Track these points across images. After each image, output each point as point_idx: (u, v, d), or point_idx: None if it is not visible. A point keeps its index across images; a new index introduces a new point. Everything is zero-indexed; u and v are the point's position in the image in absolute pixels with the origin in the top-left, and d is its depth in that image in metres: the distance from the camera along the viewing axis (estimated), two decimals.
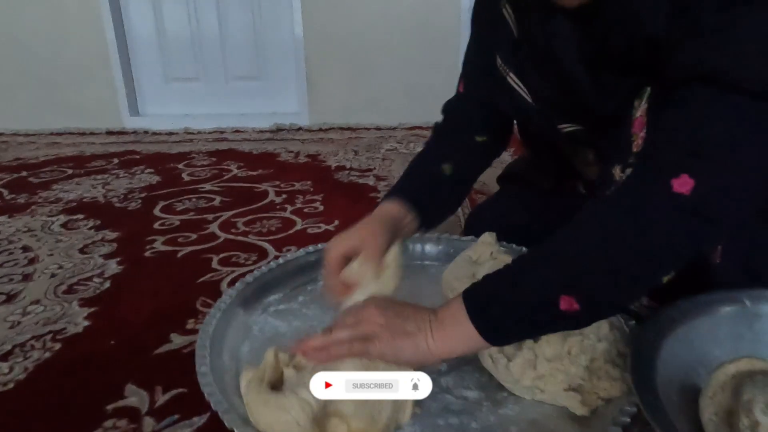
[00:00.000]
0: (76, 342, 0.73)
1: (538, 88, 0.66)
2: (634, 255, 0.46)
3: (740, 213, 0.46)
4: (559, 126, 0.68)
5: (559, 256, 0.49)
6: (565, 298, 0.46)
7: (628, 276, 0.47)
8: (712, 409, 0.49)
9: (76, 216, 1.26)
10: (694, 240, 0.46)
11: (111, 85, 2.49)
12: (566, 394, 0.53)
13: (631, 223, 0.46)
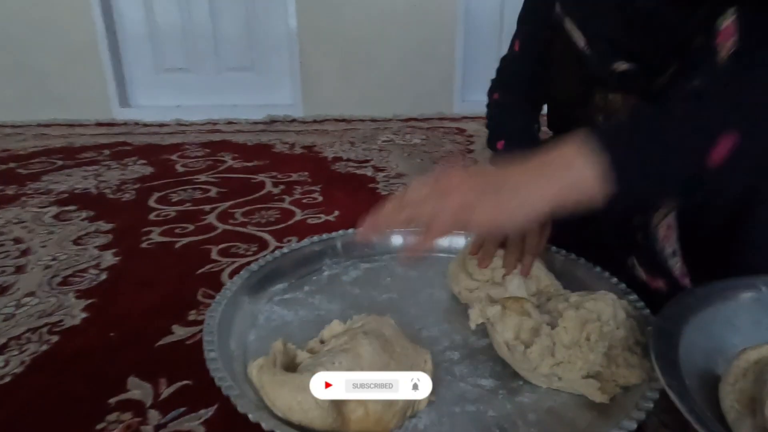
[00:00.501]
0: (74, 334, 0.71)
1: (598, 28, 0.67)
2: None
3: None
4: (614, 66, 0.66)
5: (716, 95, 0.43)
6: (726, 135, 0.41)
7: None
8: (733, 396, 0.48)
9: (69, 207, 1.23)
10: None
11: (100, 75, 2.44)
12: (585, 381, 0.52)
13: None
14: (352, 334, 0.51)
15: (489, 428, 0.50)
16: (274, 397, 0.46)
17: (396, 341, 0.52)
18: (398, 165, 1.56)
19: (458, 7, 2.32)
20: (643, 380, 0.52)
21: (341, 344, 0.50)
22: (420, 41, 2.38)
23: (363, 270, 0.81)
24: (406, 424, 0.50)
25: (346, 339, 0.51)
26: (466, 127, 2.15)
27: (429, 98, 2.44)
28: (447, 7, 2.33)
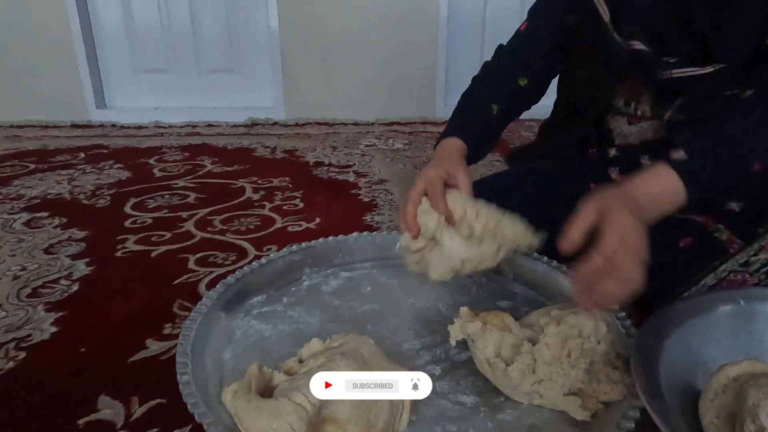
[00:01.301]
0: (42, 350, 0.68)
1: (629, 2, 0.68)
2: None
3: None
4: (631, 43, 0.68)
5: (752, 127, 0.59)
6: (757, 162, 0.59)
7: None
8: (713, 413, 0.48)
9: (40, 214, 1.19)
10: None
11: (76, 76, 2.38)
12: (566, 398, 0.51)
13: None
14: (330, 355, 0.50)
15: None
16: (248, 423, 0.45)
17: (374, 362, 0.51)
18: (381, 170, 1.55)
19: (441, 11, 2.32)
20: (625, 396, 0.52)
21: (318, 366, 0.49)
22: (403, 45, 2.38)
23: (344, 279, 0.80)
24: None
25: (323, 360, 0.50)
26: None
27: (411, 102, 2.43)
28: (430, 11, 2.33)
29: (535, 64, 0.82)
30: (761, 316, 0.57)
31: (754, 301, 0.58)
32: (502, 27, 2.17)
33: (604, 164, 0.82)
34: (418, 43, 2.37)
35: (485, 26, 2.43)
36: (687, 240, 0.71)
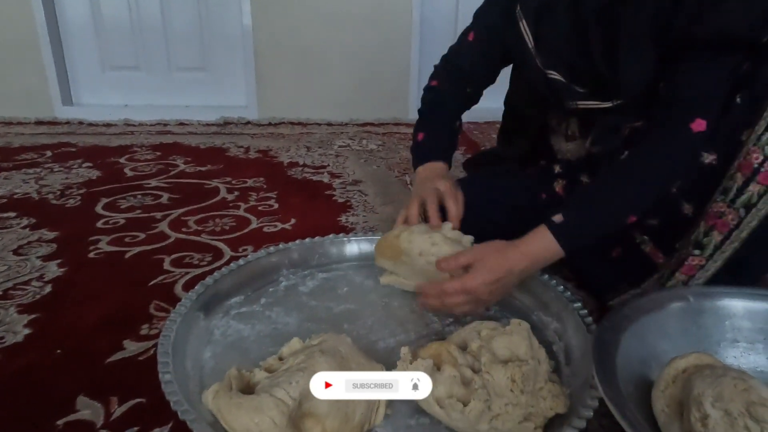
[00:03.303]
0: (16, 352, 0.68)
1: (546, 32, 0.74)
2: (670, 177, 0.65)
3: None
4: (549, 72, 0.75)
5: (624, 189, 0.65)
6: (631, 216, 0.65)
7: (664, 193, 0.67)
8: (663, 402, 0.53)
9: (7, 214, 1.17)
10: (697, 157, 0.66)
11: (41, 71, 2.32)
12: (521, 426, 0.51)
13: (666, 155, 0.63)
14: (310, 353, 0.52)
15: None
16: (231, 419, 0.46)
17: (352, 358, 0.54)
18: (355, 171, 1.57)
19: (414, 15, 2.36)
20: (568, 408, 0.53)
21: (298, 363, 0.51)
22: (376, 47, 2.40)
23: (320, 280, 0.82)
24: None
25: (303, 358, 0.52)
26: None
27: (384, 103, 2.46)
28: (403, 14, 2.36)
29: (479, 73, 0.89)
30: (709, 312, 0.62)
31: (703, 298, 0.62)
32: None
33: (551, 178, 0.86)
34: (391, 45, 2.40)
35: (457, 30, 2.46)
36: (618, 250, 0.77)
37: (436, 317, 0.73)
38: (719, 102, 0.62)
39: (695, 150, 0.65)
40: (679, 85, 0.63)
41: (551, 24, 0.73)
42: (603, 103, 0.72)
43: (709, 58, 0.61)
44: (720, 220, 0.65)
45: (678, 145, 0.62)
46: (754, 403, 0.46)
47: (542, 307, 0.74)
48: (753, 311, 0.62)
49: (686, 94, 0.62)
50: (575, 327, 0.66)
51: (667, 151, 0.63)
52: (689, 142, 0.62)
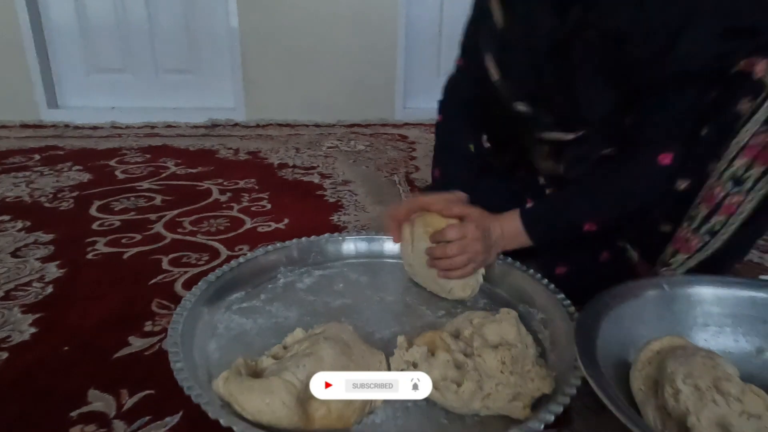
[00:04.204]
0: (25, 350, 0.70)
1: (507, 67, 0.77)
2: (634, 203, 0.71)
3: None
4: (515, 104, 0.79)
5: (586, 199, 0.72)
6: (588, 224, 0.71)
7: (626, 213, 0.72)
8: (640, 381, 0.57)
9: (2, 217, 1.18)
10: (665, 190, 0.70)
11: (26, 74, 2.30)
12: (510, 404, 0.55)
13: (632, 181, 0.69)
14: (314, 340, 0.56)
15: (437, 418, 0.56)
16: (243, 401, 0.49)
17: (354, 345, 0.57)
18: (344, 172, 1.61)
19: (400, 18, 2.40)
20: (553, 388, 0.57)
21: (304, 349, 0.54)
22: (363, 48, 2.44)
23: (317, 277, 0.86)
24: (364, 419, 0.54)
25: (308, 344, 0.55)
26: (407, 133, 2.23)
27: (371, 104, 2.49)
28: (389, 17, 2.40)
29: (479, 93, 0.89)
30: (682, 299, 0.67)
31: (676, 286, 0.67)
32: (457, 35, 2.26)
33: (537, 188, 0.90)
34: (377, 47, 2.44)
35: (441, 33, 2.52)
36: (605, 254, 0.82)
37: (429, 310, 0.77)
38: (686, 134, 0.66)
39: (662, 181, 0.69)
40: (646, 119, 0.67)
41: (512, 58, 0.77)
42: (567, 135, 0.77)
43: (672, 93, 0.65)
44: (686, 244, 0.71)
45: (644, 176, 0.68)
46: (720, 379, 0.50)
47: (529, 299, 0.78)
48: (721, 298, 0.67)
49: (653, 128, 0.67)
50: (560, 317, 0.70)
51: (632, 181, 0.69)
52: (655, 174, 0.67)
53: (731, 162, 0.65)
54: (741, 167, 0.65)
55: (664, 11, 0.63)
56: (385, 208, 1.27)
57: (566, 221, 0.73)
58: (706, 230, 0.69)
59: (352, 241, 0.91)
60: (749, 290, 0.67)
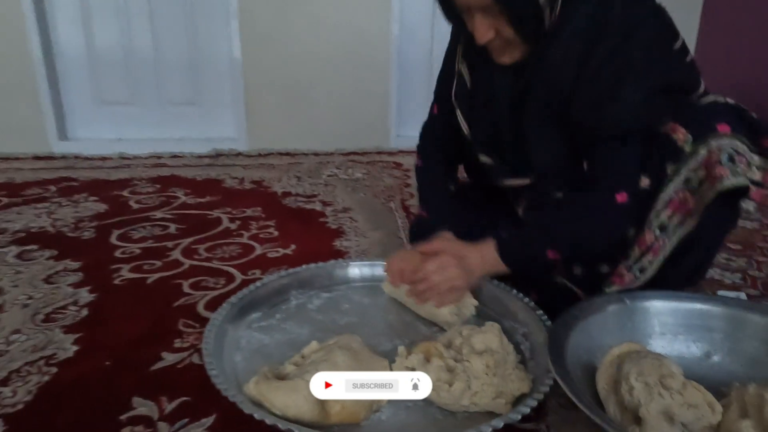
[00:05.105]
0: (71, 365, 0.80)
1: (474, 123, 0.88)
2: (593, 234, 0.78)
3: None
4: (481, 157, 0.89)
5: (551, 230, 0.79)
6: (551, 252, 0.78)
7: (586, 244, 0.80)
8: (604, 381, 0.68)
9: (30, 246, 1.28)
10: (623, 226, 0.80)
11: (37, 107, 2.42)
12: (494, 402, 0.66)
13: (592, 217, 0.77)
14: (329, 349, 0.66)
15: (433, 415, 0.66)
16: (272, 398, 0.60)
17: (363, 353, 0.68)
18: (344, 199, 1.72)
19: (392, 51, 2.55)
20: (531, 388, 0.68)
21: (321, 356, 0.65)
22: (359, 80, 2.58)
23: (324, 299, 0.96)
24: (372, 416, 0.65)
25: (324, 353, 0.66)
26: (402, 161, 2.36)
27: (367, 133, 2.63)
28: (382, 51, 2.55)
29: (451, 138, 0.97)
30: (640, 311, 0.78)
31: (636, 300, 0.79)
32: None
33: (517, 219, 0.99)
34: (372, 79, 2.58)
35: (432, 66, 2.68)
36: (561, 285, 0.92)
37: (424, 326, 0.88)
38: (636, 178, 0.76)
39: (619, 217, 0.77)
40: (600, 164, 0.76)
41: (477, 117, 0.88)
42: (523, 180, 0.87)
43: (617, 144, 0.75)
44: (621, 279, 0.83)
45: (603, 212, 0.76)
46: (665, 376, 0.61)
47: (512, 315, 0.88)
48: (675, 310, 0.78)
49: (608, 171, 0.76)
50: (538, 329, 0.81)
51: (593, 216, 0.77)
52: (613, 210, 0.75)
53: (659, 213, 0.78)
54: (666, 217, 0.78)
55: (599, 75, 0.73)
56: (384, 233, 1.38)
57: (534, 249, 0.79)
58: (637, 268, 0.81)
59: (356, 267, 1.02)
60: (698, 303, 0.79)
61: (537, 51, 0.77)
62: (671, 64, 0.76)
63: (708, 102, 0.78)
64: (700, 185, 0.75)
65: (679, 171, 0.75)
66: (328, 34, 2.50)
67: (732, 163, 0.71)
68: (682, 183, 0.76)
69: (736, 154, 0.72)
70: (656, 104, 0.75)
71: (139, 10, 2.46)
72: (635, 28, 0.72)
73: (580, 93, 0.75)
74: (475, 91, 0.87)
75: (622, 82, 0.73)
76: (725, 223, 0.83)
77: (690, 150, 0.74)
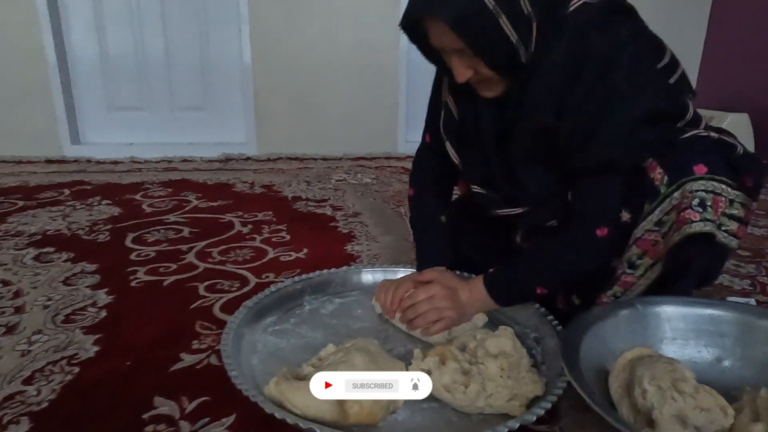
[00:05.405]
0: (92, 365, 0.82)
1: (464, 154, 0.89)
2: (577, 268, 0.80)
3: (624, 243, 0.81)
4: (472, 186, 0.91)
5: (536, 268, 0.82)
6: (539, 289, 0.81)
7: (571, 278, 0.82)
8: (616, 384, 0.69)
9: (46, 249, 1.30)
10: (605, 258, 0.81)
11: (51, 112, 2.46)
12: (508, 404, 0.67)
13: (575, 252, 0.79)
14: (346, 351, 0.68)
15: (448, 416, 0.67)
16: (293, 398, 0.61)
17: (379, 355, 0.69)
18: (354, 204, 1.74)
19: (401, 57, 2.57)
20: (544, 391, 0.69)
21: (339, 358, 0.66)
22: (368, 86, 2.61)
23: (337, 304, 0.97)
24: (389, 417, 0.66)
25: (342, 355, 0.67)
26: (410, 166, 2.37)
27: (376, 138, 2.65)
28: (392, 57, 2.57)
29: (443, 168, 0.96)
30: (652, 316, 0.79)
31: (647, 305, 0.79)
32: None
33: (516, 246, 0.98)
34: (382, 85, 2.61)
35: None
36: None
37: None
38: (618, 211, 0.77)
39: (600, 251, 0.78)
40: (583, 198, 0.77)
41: (467, 149, 0.88)
42: (515, 210, 0.88)
43: (600, 178, 0.75)
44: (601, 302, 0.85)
45: (584, 247, 0.78)
46: (678, 380, 0.62)
47: (523, 321, 0.89)
48: (686, 315, 0.79)
49: (590, 206, 0.77)
50: (549, 334, 0.82)
51: (575, 251, 0.79)
52: (594, 244, 0.76)
53: (629, 248, 0.79)
54: (634, 255, 0.80)
55: (580, 109, 0.72)
56: (395, 238, 1.40)
57: (521, 288, 0.82)
58: (611, 294, 0.84)
59: (368, 273, 1.04)
60: (708, 308, 0.80)
61: (518, 86, 0.76)
62: (655, 90, 0.74)
63: (689, 137, 0.77)
64: (670, 229, 0.76)
65: (653, 212, 0.76)
66: (337, 40, 2.53)
67: (702, 209, 0.72)
68: (654, 224, 0.77)
69: (712, 196, 0.72)
70: (641, 136, 0.74)
71: (151, 18, 2.50)
72: (613, 56, 0.71)
73: (563, 128, 0.75)
74: (462, 122, 0.87)
75: (605, 116, 0.72)
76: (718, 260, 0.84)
77: (664, 192, 0.75)
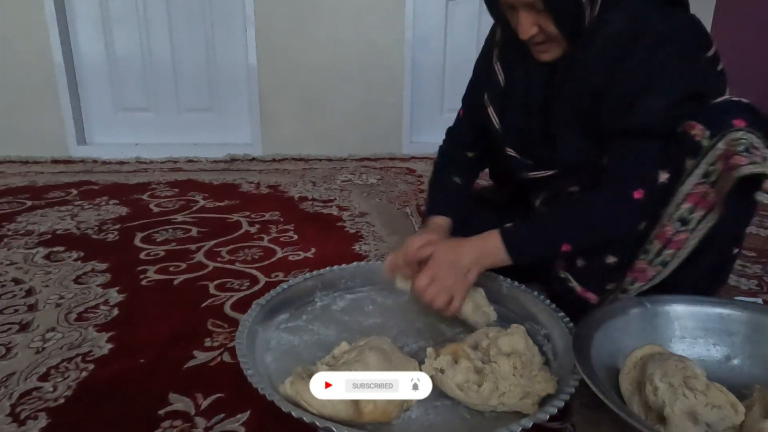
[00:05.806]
0: (107, 362, 0.82)
1: (505, 119, 0.93)
2: (609, 227, 0.81)
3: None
4: (507, 150, 0.94)
5: (566, 223, 0.82)
6: (565, 245, 0.81)
7: (601, 238, 0.83)
8: (627, 382, 0.70)
9: (56, 248, 1.31)
10: (638, 221, 0.81)
11: (58, 112, 2.47)
12: (521, 402, 0.68)
13: (609, 212, 0.80)
14: (360, 350, 0.68)
15: (461, 414, 0.68)
16: (308, 397, 0.62)
17: (393, 353, 0.70)
18: (360, 204, 1.75)
19: (406, 59, 2.58)
20: (556, 389, 0.69)
21: (353, 357, 0.67)
22: (372, 87, 2.61)
23: (349, 300, 0.98)
24: (403, 415, 0.67)
25: (356, 353, 0.68)
26: (415, 167, 2.38)
27: (380, 139, 2.66)
28: (396, 58, 2.58)
29: (473, 142, 1.04)
30: (661, 314, 0.80)
31: (657, 304, 0.80)
32: (459, 75, 2.46)
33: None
34: (386, 86, 2.62)
35: (445, 73, 2.71)
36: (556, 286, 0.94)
37: (447, 327, 0.90)
38: (654, 175, 0.78)
39: (636, 213, 0.79)
40: (620, 160, 0.80)
41: (509, 112, 0.92)
42: (547, 172, 0.90)
43: (638, 143, 0.78)
44: (642, 274, 0.84)
45: (620, 207, 0.79)
46: (689, 377, 0.63)
47: (533, 318, 0.90)
48: (695, 313, 0.80)
49: (625, 170, 0.79)
50: (560, 331, 0.83)
51: (610, 211, 0.79)
52: (630, 205, 0.78)
53: (678, 206, 0.79)
54: (686, 210, 0.79)
55: (631, 75, 0.77)
56: (401, 238, 1.41)
57: (545, 241, 0.82)
58: (659, 262, 0.82)
59: (377, 269, 1.04)
60: (717, 307, 0.80)
61: (573, 51, 0.81)
62: (701, 74, 0.78)
63: (722, 100, 0.79)
64: (719, 178, 0.77)
65: (698, 165, 0.77)
66: (342, 41, 2.54)
67: (748, 153, 0.73)
68: (701, 177, 0.77)
69: (752, 147, 0.73)
70: (683, 108, 0.77)
71: (157, 19, 2.51)
72: (670, 36, 0.76)
73: (609, 93, 0.79)
74: (508, 89, 0.91)
75: (651, 87, 0.76)
76: (740, 219, 0.84)
77: (708, 144, 0.76)
